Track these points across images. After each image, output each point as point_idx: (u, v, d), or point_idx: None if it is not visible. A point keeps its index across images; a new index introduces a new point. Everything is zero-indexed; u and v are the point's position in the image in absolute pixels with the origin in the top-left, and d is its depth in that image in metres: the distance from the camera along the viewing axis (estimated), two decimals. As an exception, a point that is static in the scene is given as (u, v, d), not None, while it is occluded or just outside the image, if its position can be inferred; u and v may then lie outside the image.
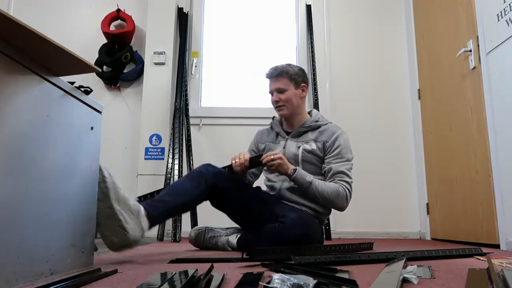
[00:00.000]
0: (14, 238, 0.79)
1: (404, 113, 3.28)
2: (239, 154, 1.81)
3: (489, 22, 2.18)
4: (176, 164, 2.92)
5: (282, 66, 1.94)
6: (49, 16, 3.41)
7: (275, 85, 1.91)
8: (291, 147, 1.89)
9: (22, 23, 0.78)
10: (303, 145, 1.87)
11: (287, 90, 1.90)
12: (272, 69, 1.94)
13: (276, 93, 1.91)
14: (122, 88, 3.36)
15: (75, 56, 0.95)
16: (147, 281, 0.83)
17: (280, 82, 1.90)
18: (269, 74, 1.94)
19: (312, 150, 1.85)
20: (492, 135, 2.14)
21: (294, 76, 1.92)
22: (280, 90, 1.90)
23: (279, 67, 1.93)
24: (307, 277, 0.76)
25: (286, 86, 1.90)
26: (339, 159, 1.83)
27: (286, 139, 1.94)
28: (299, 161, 1.84)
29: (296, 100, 1.92)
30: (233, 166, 1.80)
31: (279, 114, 1.95)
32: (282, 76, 1.91)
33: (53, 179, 0.93)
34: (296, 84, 1.92)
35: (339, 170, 1.80)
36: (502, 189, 2.05)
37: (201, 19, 3.49)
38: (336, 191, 1.75)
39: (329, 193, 1.74)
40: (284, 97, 1.89)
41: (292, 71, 1.92)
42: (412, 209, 3.13)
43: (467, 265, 1.15)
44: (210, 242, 1.83)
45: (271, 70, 1.93)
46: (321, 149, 1.86)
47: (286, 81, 1.90)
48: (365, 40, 3.40)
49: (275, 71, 1.92)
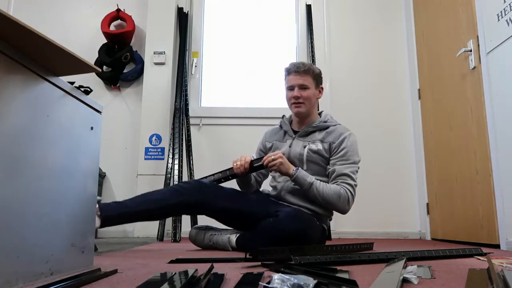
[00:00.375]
0: (14, 238, 0.79)
1: (404, 113, 3.28)
2: (241, 157, 1.81)
3: (489, 22, 2.18)
4: (176, 164, 2.92)
5: (308, 63, 1.93)
6: (49, 16, 3.41)
7: (299, 81, 1.87)
8: (297, 147, 1.87)
9: (22, 23, 0.78)
10: (309, 145, 1.85)
11: (309, 88, 1.88)
12: (299, 64, 1.90)
13: (298, 89, 1.86)
14: (122, 88, 3.36)
15: (75, 56, 0.95)
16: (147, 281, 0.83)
17: (305, 78, 1.87)
18: (295, 68, 1.89)
19: (317, 150, 1.83)
20: (492, 135, 2.14)
21: (316, 76, 1.91)
22: (303, 87, 1.87)
23: (306, 64, 1.91)
24: (307, 277, 0.76)
25: (309, 84, 1.88)
26: (344, 161, 1.80)
27: (293, 138, 1.92)
28: (304, 161, 1.83)
29: (314, 100, 1.91)
30: (234, 169, 1.80)
31: (296, 111, 1.90)
32: (308, 73, 1.88)
33: (53, 179, 0.93)
34: (316, 85, 1.91)
35: (343, 173, 1.77)
36: (502, 189, 2.05)
37: (201, 19, 3.50)
38: (337, 193, 1.73)
39: (330, 195, 1.72)
40: (305, 94, 1.86)
41: (316, 70, 1.92)
42: (412, 209, 3.13)
43: (467, 265, 1.15)
44: (211, 241, 1.83)
45: (298, 65, 1.89)
46: (327, 150, 1.83)
47: (310, 79, 1.88)
48: (365, 40, 3.40)
49: (303, 66, 1.88)
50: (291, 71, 1.90)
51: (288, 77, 1.91)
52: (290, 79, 1.90)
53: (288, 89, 1.92)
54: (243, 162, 1.78)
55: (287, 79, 1.92)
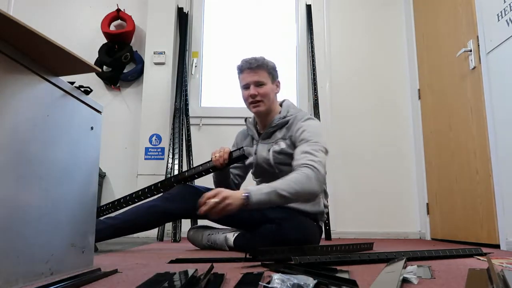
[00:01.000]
0: (14, 238, 0.79)
1: (404, 113, 3.28)
2: (220, 148, 1.76)
3: (489, 22, 2.18)
4: (176, 164, 2.92)
5: (261, 57, 1.76)
6: (49, 16, 3.41)
7: (254, 78, 1.73)
8: (262, 151, 1.77)
9: (22, 23, 0.78)
10: (273, 147, 1.73)
11: (266, 84, 1.74)
12: (251, 59, 1.74)
13: (254, 86, 1.73)
14: (122, 88, 3.36)
15: (75, 56, 0.95)
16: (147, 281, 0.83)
17: (259, 74, 1.73)
18: (247, 65, 1.74)
19: (281, 150, 1.71)
20: (492, 135, 2.14)
21: (272, 70, 1.78)
22: (259, 83, 1.73)
23: (258, 58, 1.75)
24: (307, 277, 0.76)
25: (265, 79, 1.74)
26: (304, 142, 1.61)
27: (257, 143, 1.82)
28: (273, 165, 1.73)
29: (272, 96, 1.78)
30: (213, 161, 1.74)
31: (255, 111, 1.77)
32: (262, 68, 1.74)
33: (53, 179, 0.93)
34: (272, 79, 1.78)
35: (304, 151, 1.56)
36: (502, 189, 2.05)
37: (201, 19, 3.50)
38: (303, 176, 1.46)
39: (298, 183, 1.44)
40: (262, 91, 1.73)
41: (270, 64, 1.78)
42: (412, 209, 3.13)
43: (467, 265, 1.15)
44: (209, 241, 1.83)
45: (250, 61, 1.74)
46: (290, 145, 1.69)
47: (265, 74, 1.74)
48: (365, 40, 3.40)
49: (256, 61, 1.73)
50: (243, 68, 1.76)
51: (241, 75, 1.78)
52: (244, 77, 1.76)
53: (243, 88, 1.78)
54: (222, 153, 1.72)
55: (240, 77, 1.78)
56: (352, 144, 3.23)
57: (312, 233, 1.67)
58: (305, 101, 3.29)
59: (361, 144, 3.22)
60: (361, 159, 3.19)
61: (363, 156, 3.20)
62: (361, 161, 3.19)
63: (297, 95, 3.35)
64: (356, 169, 3.18)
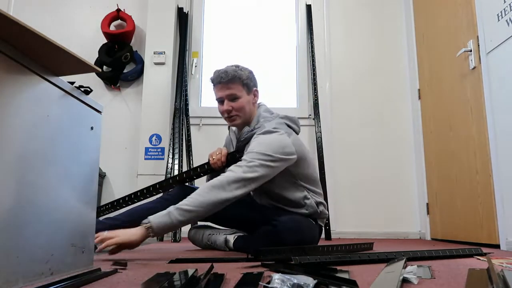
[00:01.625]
0: (14, 238, 0.79)
1: (404, 113, 3.28)
2: (217, 150, 1.74)
3: (489, 22, 2.18)
4: (176, 164, 2.92)
5: (232, 69, 1.68)
6: (49, 16, 3.41)
7: (226, 92, 1.67)
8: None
9: (22, 23, 0.78)
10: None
11: (240, 97, 1.67)
12: (221, 72, 1.67)
13: (228, 101, 1.67)
14: (122, 88, 3.36)
15: (75, 56, 0.95)
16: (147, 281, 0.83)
17: (232, 88, 1.66)
18: (217, 79, 1.68)
19: None
20: (492, 135, 2.14)
21: (246, 80, 1.69)
22: (232, 97, 1.67)
23: (229, 71, 1.67)
24: (307, 277, 0.76)
25: (239, 92, 1.67)
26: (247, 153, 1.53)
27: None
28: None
29: (249, 107, 1.71)
30: (211, 163, 1.73)
31: (231, 124, 1.74)
32: (234, 81, 1.66)
33: (53, 179, 0.93)
34: (248, 90, 1.71)
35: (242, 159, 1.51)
36: (502, 189, 2.05)
37: (201, 19, 3.50)
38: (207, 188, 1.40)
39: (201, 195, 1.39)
40: (237, 105, 1.67)
41: (244, 74, 1.69)
42: (412, 209, 3.13)
43: (467, 265, 1.15)
44: (209, 240, 1.83)
45: (220, 74, 1.67)
46: None
47: (239, 87, 1.67)
48: (365, 40, 3.40)
49: (226, 75, 1.65)
50: (215, 83, 1.70)
51: (214, 88, 1.72)
52: (217, 91, 1.70)
53: (218, 102, 1.72)
54: (219, 155, 1.71)
55: (214, 90, 1.73)
56: (352, 144, 3.23)
57: (310, 234, 1.65)
58: (305, 101, 3.29)
59: (361, 144, 3.22)
60: (361, 159, 3.19)
61: (363, 156, 3.20)
62: (361, 161, 3.19)
63: (297, 95, 3.35)
64: (356, 169, 3.18)
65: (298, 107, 3.29)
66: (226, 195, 1.40)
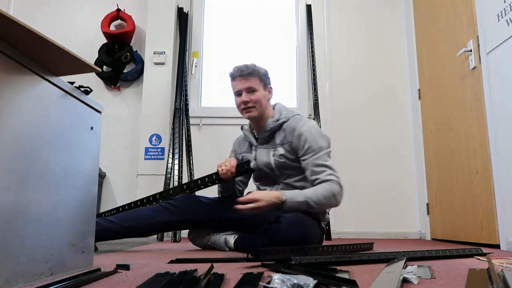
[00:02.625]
0: (14, 238, 0.79)
1: (404, 113, 3.28)
2: (225, 161, 1.77)
3: (489, 22, 2.18)
4: (176, 164, 2.92)
5: (252, 64, 1.82)
6: (49, 16, 3.41)
7: (245, 84, 1.78)
8: (262, 156, 1.81)
9: (22, 23, 0.78)
10: (273, 152, 1.78)
11: (258, 90, 1.79)
12: (243, 67, 1.80)
13: (246, 93, 1.78)
14: (122, 88, 3.36)
15: (75, 56, 0.95)
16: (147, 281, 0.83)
17: (251, 81, 1.78)
18: (238, 72, 1.80)
19: (282, 155, 1.75)
20: (492, 135, 2.14)
21: (263, 76, 1.82)
22: (250, 90, 1.78)
23: (249, 65, 1.80)
24: (307, 277, 0.76)
25: (257, 86, 1.79)
26: (311, 153, 1.70)
27: (255, 148, 1.86)
28: (274, 169, 1.77)
29: (264, 102, 1.82)
30: (220, 175, 1.75)
31: (247, 116, 1.82)
32: (253, 75, 1.79)
33: (53, 179, 0.93)
34: (264, 85, 1.83)
35: (317, 164, 1.68)
36: (502, 189, 2.05)
37: (201, 19, 3.50)
38: (330, 192, 1.63)
39: (326, 197, 1.63)
40: (254, 97, 1.78)
41: (262, 70, 1.83)
42: (412, 209, 3.13)
43: (467, 265, 1.15)
44: (209, 240, 1.83)
45: (242, 68, 1.79)
46: (290, 151, 1.75)
47: (257, 81, 1.79)
48: (365, 40, 3.40)
49: (247, 69, 1.78)
50: (235, 76, 1.81)
51: (233, 82, 1.83)
52: (236, 84, 1.81)
53: (236, 95, 1.84)
54: (229, 166, 1.73)
55: (232, 84, 1.84)
56: (352, 144, 3.23)
57: (312, 231, 1.66)
58: (305, 101, 3.29)
59: (361, 144, 3.22)
60: (361, 159, 3.19)
61: (363, 156, 3.20)
62: (361, 161, 3.19)
63: (297, 95, 3.35)
64: (356, 169, 3.18)
65: (298, 107, 3.29)
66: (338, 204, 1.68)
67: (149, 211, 1.77)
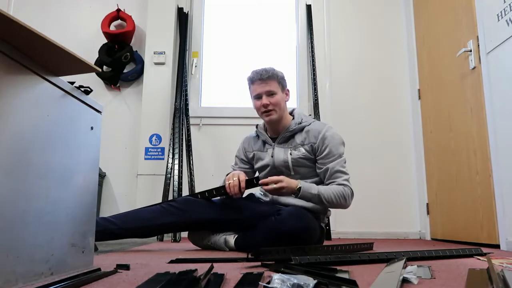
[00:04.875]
0: (14, 238, 0.79)
1: (404, 113, 3.28)
2: (232, 176, 1.73)
3: (489, 22, 2.18)
4: (176, 164, 2.92)
5: (270, 68, 1.85)
6: (49, 16, 3.41)
7: (265, 88, 1.81)
8: (280, 154, 1.84)
9: (22, 23, 0.78)
10: (292, 151, 1.82)
11: (277, 93, 1.82)
12: (262, 71, 1.82)
13: (266, 96, 1.81)
14: (122, 88, 3.36)
15: (75, 56, 0.95)
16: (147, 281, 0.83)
17: (270, 84, 1.81)
18: (258, 76, 1.82)
19: (301, 155, 1.81)
20: (492, 135, 2.14)
21: (281, 80, 1.85)
22: (270, 93, 1.81)
23: (268, 69, 1.83)
24: (307, 277, 0.76)
25: (276, 89, 1.82)
26: (331, 158, 1.78)
27: (273, 147, 1.88)
28: (290, 167, 1.81)
29: (283, 105, 1.86)
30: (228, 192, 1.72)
31: (268, 119, 1.85)
32: (273, 78, 1.82)
33: (53, 179, 0.93)
34: (282, 88, 1.86)
35: (335, 170, 1.77)
36: (502, 189, 2.05)
37: (201, 19, 3.50)
38: (342, 194, 1.73)
39: (336, 197, 1.72)
40: (274, 100, 1.81)
41: (280, 74, 1.86)
42: (412, 209, 3.13)
43: (467, 265, 1.15)
44: (209, 241, 1.83)
45: (261, 72, 1.82)
46: (310, 152, 1.81)
47: (276, 84, 1.83)
48: (365, 40, 3.40)
49: (266, 73, 1.81)
50: (255, 80, 1.83)
51: (252, 86, 1.85)
52: (256, 88, 1.83)
53: (255, 98, 1.85)
54: (236, 183, 1.70)
55: (252, 88, 1.86)
56: (352, 144, 3.21)
57: (312, 224, 1.67)
58: (305, 101, 3.29)
59: (361, 144, 3.22)
60: (361, 159, 3.19)
61: (363, 156, 3.20)
62: (361, 161, 3.19)
63: (297, 95, 3.35)
64: (356, 169, 3.16)
65: (298, 107, 3.29)
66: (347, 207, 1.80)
67: (149, 213, 1.77)
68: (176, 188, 2.83)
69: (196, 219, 1.77)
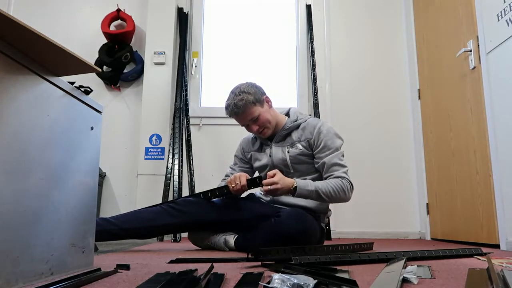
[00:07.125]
0: (14, 238, 0.79)
1: (404, 113, 3.28)
2: (234, 178, 1.73)
3: (489, 22, 2.18)
4: (176, 164, 2.92)
5: (239, 98, 1.77)
6: (49, 16, 3.41)
7: (247, 118, 1.80)
8: (277, 153, 1.85)
9: (22, 23, 0.78)
10: (289, 149, 1.83)
11: (259, 114, 1.80)
12: (233, 107, 1.78)
13: (252, 123, 1.81)
14: (122, 88, 3.36)
15: (75, 56, 0.95)
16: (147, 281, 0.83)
17: (248, 113, 1.79)
18: (233, 114, 1.80)
19: (299, 152, 1.81)
20: (492, 135, 2.14)
21: (255, 100, 1.79)
22: (253, 119, 1.80)
23: (238, 103, 1.77)
24: (307, 277, 0.76)
25: (256, 112, 1.79)
26: (328, 151, 1.77)
27: (270, 146, 1.89)
28: (289, 165, 1.81)
29: (270, 115, 1.84)
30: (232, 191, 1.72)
31: (265, 137, 1.87)
32: (247, 107, 1.77)
33: (53, 179, 0.93)
34: (260, 103, 1.82)
35: (332, 163, 1.75)
36: (502, 189, 2.05)
37: (201, 19, 3.50)
38: (340, 187, 1.70)
39: (335, 190, 1.69)
40: (260, 122, 1.80)
41: (250, 96, 1.79)
42: (412, 209, 3.13)
43: (467, 265, 1.15)
44: (209, 241, 1.83)
45: (233, 109, 1.78)
46: (307, 147, 1.81)
47: (253, 109, 1.78)
48: (365, 40, 3.40)
49: (238, 108, 1.77)
50: (231, 116, 1.83)
51: (233, 119, 1.86)
52: (238, 121, 1.85)
53: (243, 126, 1.87)
54: (239, 185, 1.69)
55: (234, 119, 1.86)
56: (352, 144, 3.22)
57: (311, 225, 1.67)
58: (305, 101, 3.29)
59: (361, 144, 3.22)
60: (361, 159, 3.19)
61: (363, 156, 3.20)
62: (361, 161, 3.19)
63: (297, 95, 3.35)
64: (356, 169, 3.16)
65: (298, 107, 3.29)
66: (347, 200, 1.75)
67: (149, 214, 1.76)
68: (176, 188, 2.83)
69: (196, 220, 1.77)
